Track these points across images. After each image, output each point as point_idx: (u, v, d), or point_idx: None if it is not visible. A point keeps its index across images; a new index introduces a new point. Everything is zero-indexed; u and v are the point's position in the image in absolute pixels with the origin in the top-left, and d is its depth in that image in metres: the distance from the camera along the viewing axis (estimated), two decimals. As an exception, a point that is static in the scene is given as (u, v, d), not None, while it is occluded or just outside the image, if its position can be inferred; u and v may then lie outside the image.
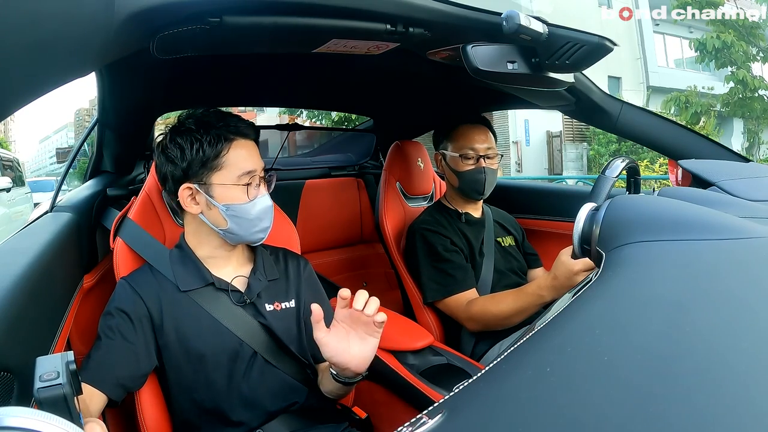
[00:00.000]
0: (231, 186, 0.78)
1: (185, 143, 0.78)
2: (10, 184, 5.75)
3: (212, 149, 0.77)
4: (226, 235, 0.82)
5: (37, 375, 0.43)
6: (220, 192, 0.78)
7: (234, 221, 0.79)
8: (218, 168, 0.78)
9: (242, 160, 0.79)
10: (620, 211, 0.49)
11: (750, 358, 0.29)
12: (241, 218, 0.79)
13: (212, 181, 0.78)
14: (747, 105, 8.57)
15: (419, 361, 1.05)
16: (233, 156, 0.78)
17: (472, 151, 1.24)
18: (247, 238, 0.82)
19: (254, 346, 0.82)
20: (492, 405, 0.31)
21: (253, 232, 0.81)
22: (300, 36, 0.72)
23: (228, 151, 0.78)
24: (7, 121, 16.70)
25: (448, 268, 1.19)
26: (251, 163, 0.80)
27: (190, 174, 0.79)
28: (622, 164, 0.90)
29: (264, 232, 0.83)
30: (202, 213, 0.81)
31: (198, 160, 0.78)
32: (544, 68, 0.83)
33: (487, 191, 1.26)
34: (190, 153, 0.78)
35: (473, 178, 1.25)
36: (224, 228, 0.80)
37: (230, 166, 0.78)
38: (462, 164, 1.25)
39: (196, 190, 0.79)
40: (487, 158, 1.25)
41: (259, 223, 0.81)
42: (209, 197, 0.79)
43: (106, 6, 0.45)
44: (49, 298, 0.75)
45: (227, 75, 1.25)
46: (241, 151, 0.79)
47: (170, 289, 0.82)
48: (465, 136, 1.26)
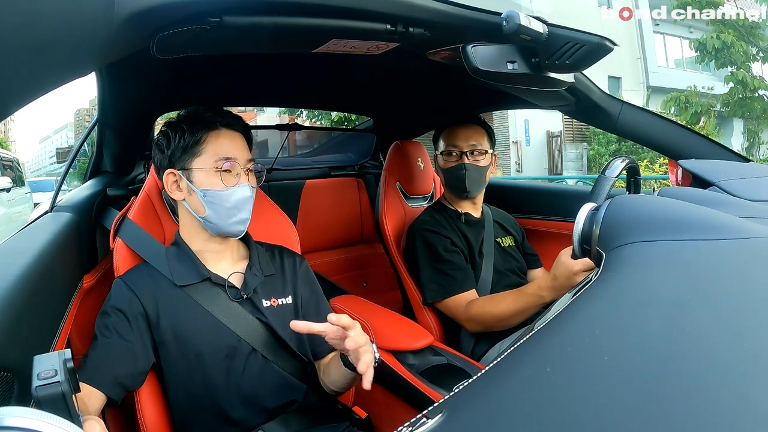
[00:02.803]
0: (209, 171, 0.80)
1: (171, 132, 0.82)
2: (10, 184, 5.75)
3: (192, 136, 0.81)
4: (205, 223, 0.82)
5: (34, 373, 0.43)
6: (199, 177, 0.80)
7: (211, 208, 0.80)
8: (198, 154, 0.81)
9: (221, 147, 0.81)
10: (620, 211, 0.49)
11: (750, 358, 0.29)
12: (218, 206, 0.80)
13: (192, 166, 0.81)
14: (747, 105, 8.56)
15: (419, 361, 1.05)
16: (212, 143, 0.81)
17: (454, 147, 1.25)
18: (225, 228, 0.83)
19: (252, 342, 0.82)
20: (492, 405, 0.31)
21: (230, 222, 0.82)
22: (300, 36, 0.72)
23: (207, 137, 0.81)
24: (7, 121, 16.71)
25: (448, 269, 1.19)
26: (230, 150, 0.81)
27: (173, 160, 0.82)
28: (622, 164, 0.90)
29: (242, 224, 0.83)
30: (185, 200, 0.83)
31: (180, 147, 0.81)
32: (544, 68, 0.83)
33: (471, 188, 1.24)
34: (173, 140, 0.81)
35: (453, 174, 1.25)
36: (203, 216, 0.82)
37: (208, 151, 0.81)
38: (444, 161, 1.27)
39: (180, 176, 0.82)
40: (471, 155, 1.24)
41: (237, 213, 0.82)
42: (189, 182, 0.81)
43: (106, 6, 0.45)
44: (49, 298, 0.75)
45: (227, 75, 1.25)
46: (222, 139, 0.82)
47: (166, 286, 0.82)
48: (451, 134, 1.27)
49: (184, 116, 0.83)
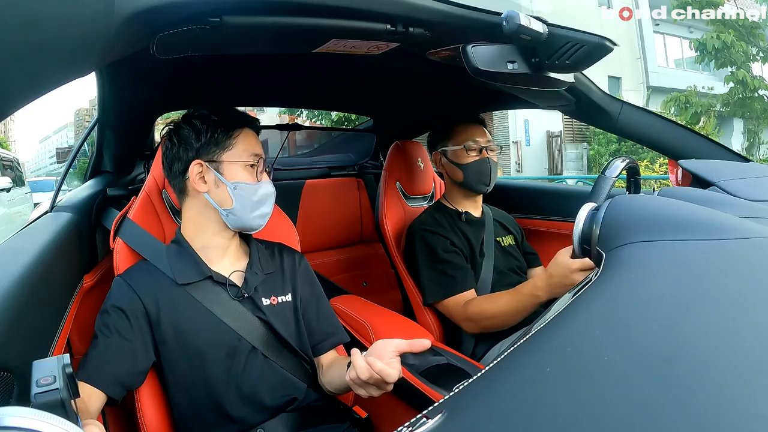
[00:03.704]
0: (240, 164, 0.82)
1: (201, 124, 0.83)
2: (10, 184, 5.75)
3: (224, 130, 0.83)
4: (228, 216, 0.83)
5: (33, 380, 0.43)
6: (229, 170, 0.82)
7: (239, 201, 0.82)
8: (229, 147, 0.83)
9: (250, 143, 0.85)
10: (620, 211, 0.49)
11: (750, 358, 0.29)
12: (246, 198, 0.82)
13: (222, 159, 0.82)
14: (747, 105, 8.55)
15: (419, 361, 1.05)
16: (243, 139, 0.84)
17: (474, 143, 1.26)
18: (248, 222, 0.84)
19: (252, 341, 0.82)
20: (492, 405, 0.31)
21: (254, 216, 0.84)
22: (300, 36, 0.72)
23: (240, 133, 0.84)
24: (7, 121, 16.70)
25: (448, 269, 1.19)
26: (258, 148, 0.86)
27: (201, 151, 0.83)
28: (622, 164, 0.90)
29: (263, 218, 0.86)
30: (208, 193, 0.83)
31: (212, 139, 0.82)
32: (544, 68, 0.83)
33: (491, 183, 1.27)
34: (204, 132, 0.82)
35: (479, 168, 1.25)
36: (229, 208, 0.82)
37: (240, 146, 0.83)
38: (466, 156, 1.26)
39: (207, 168, 0.82)
40: (490, 150, 1.26)
41: (261, 207, 0.84)
42: (218, 174, 0.82)
43: (106, 6, 0.45)
44: (49, 298, 0.75)
45: (227, 75, 1.25)
46: (250, 137, 0.86)
47: (167, 285, 0.82)
48: (465, 131, 1.28)
49: (208, 113, 0.85)
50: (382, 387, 0.66)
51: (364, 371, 0.65)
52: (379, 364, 0.64)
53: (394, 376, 0.65)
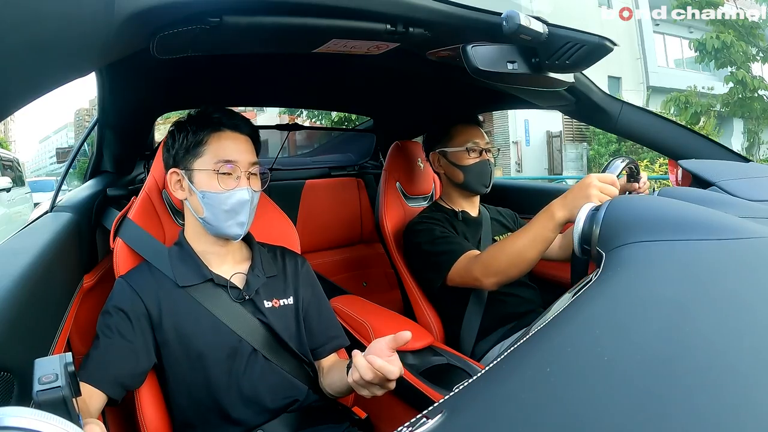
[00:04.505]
0: (208, 173, 0.80)
1: (177, 132, 0.83)
2: (10, 184, 5.75)
3: (195, 136, 0.81)
4: (204, 224, 0.83)
5: (35, 377, 0.43)
6: (199, 178, 0.81)
7: (209, 210, 0.80)
8: (200, 155, 0.81)
9: (222, 149, 0.81)
10: (620, 211, 0.49)
11: (750, 358, 0.29)
12: (215, 208, 0.80)
13: (193, 167, 0.81)
14: (747, 105, 8.55)
15: (419, 361, 1.05)
16: (214, 144, 0.81)
17: (476, 144, 1.26)
18: (223, 230, 0.82)
19: (253, 343, 0.82)
20: (492, 405, 0.31)
21: (227, 224, 0.81)
22: (300, 36, 0.72)
23: (210, 139, 0.81)
24: (7, 121, 16.70)
25: (444, 243, 1.16)
26: (231, 153, 0.81)
27: (177, 159, 0.83)
28: (622, 164, 0.90)
29: (240, 227, 0.82)
30: (187, 200, 0.84)
31: (183, 147, 0.82)
32: (544, 68, 0.83)
33: (491, 184, 1.28)
34: (178, 140, 0.83)
35: (480, 170, 1.26)
36: (202, 216, 0.82)
37: (209, 153, 0.81)
38: (467, 158, 1.26)
39: (182, 176, 0.82)
40: (488, 152, 1.27)
41: (235, 216, 0.81)
42: (190, 183, 0.81)
43: (106, 6, 0.45)
44: (49, 298, 0.75)
45: (227, 75, 1.25)
46: (224, 141, 0.81)
47: (169, 287, 0.82)
48: (465, 133, 1.28)
49: (191, 116, 0.84)
50: (385, 385, 0.67)
51: (368, 371, 0.65)
52: (379, 362, 0.65)
53: (396, 373, 0.65)
